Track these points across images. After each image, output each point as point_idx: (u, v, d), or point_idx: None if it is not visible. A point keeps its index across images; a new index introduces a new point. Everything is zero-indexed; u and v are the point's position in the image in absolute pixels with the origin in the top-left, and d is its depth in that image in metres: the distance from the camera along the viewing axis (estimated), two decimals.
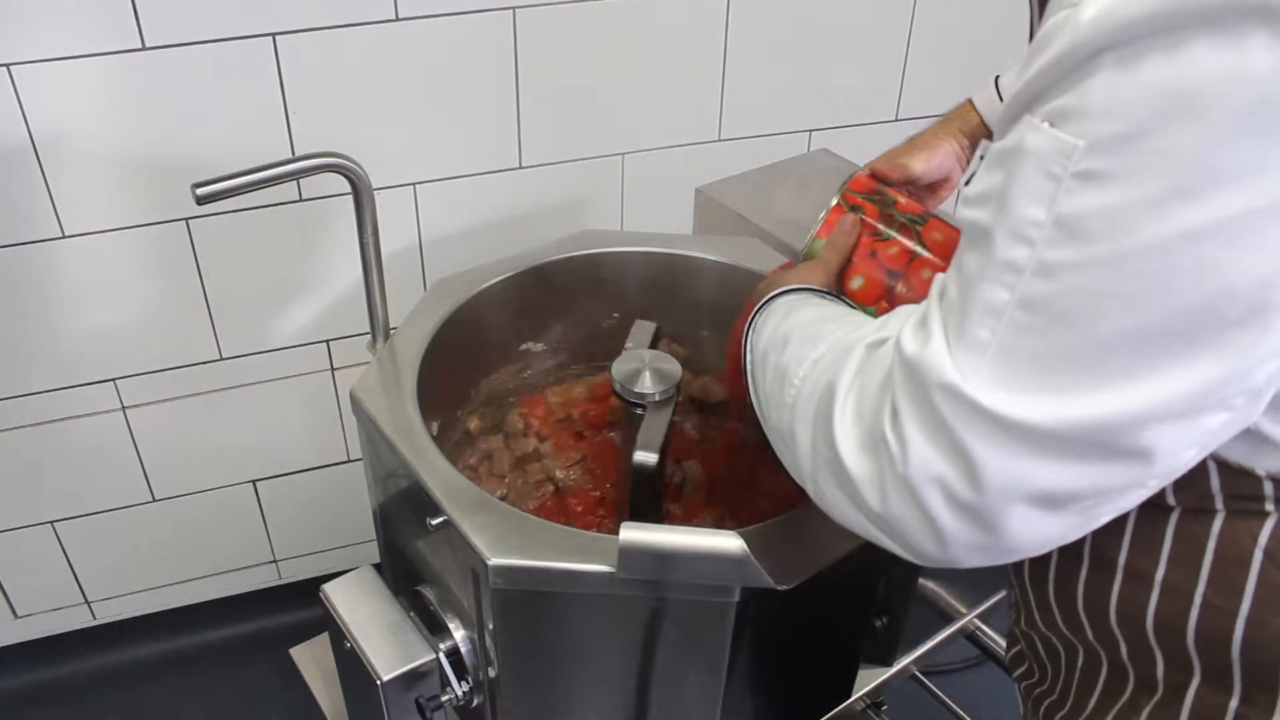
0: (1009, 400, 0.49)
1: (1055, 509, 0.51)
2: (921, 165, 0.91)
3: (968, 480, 0.51)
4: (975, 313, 0.50)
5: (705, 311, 1.14)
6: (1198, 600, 0.59)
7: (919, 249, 0.83)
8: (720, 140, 1.50)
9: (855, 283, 0.83)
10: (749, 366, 0.74)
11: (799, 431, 0.63)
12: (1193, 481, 0.56)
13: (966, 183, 0.54)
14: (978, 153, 0.98)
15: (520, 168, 1.41)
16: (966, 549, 0.54)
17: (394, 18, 1.23)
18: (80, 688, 1.61)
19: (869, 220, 0.85)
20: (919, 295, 0.80)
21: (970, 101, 0.98)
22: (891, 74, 1.54)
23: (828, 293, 0.78)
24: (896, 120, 1.58)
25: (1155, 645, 0.62)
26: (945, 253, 0.82)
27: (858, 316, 0.70)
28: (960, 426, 0.50)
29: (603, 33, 1.34)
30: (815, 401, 0.61)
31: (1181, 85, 0.43)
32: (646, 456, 0.88)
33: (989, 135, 0.98)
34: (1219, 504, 0.58)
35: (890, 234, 0.84)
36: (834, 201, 0.87)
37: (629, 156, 1.46)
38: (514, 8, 1.27)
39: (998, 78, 0.98)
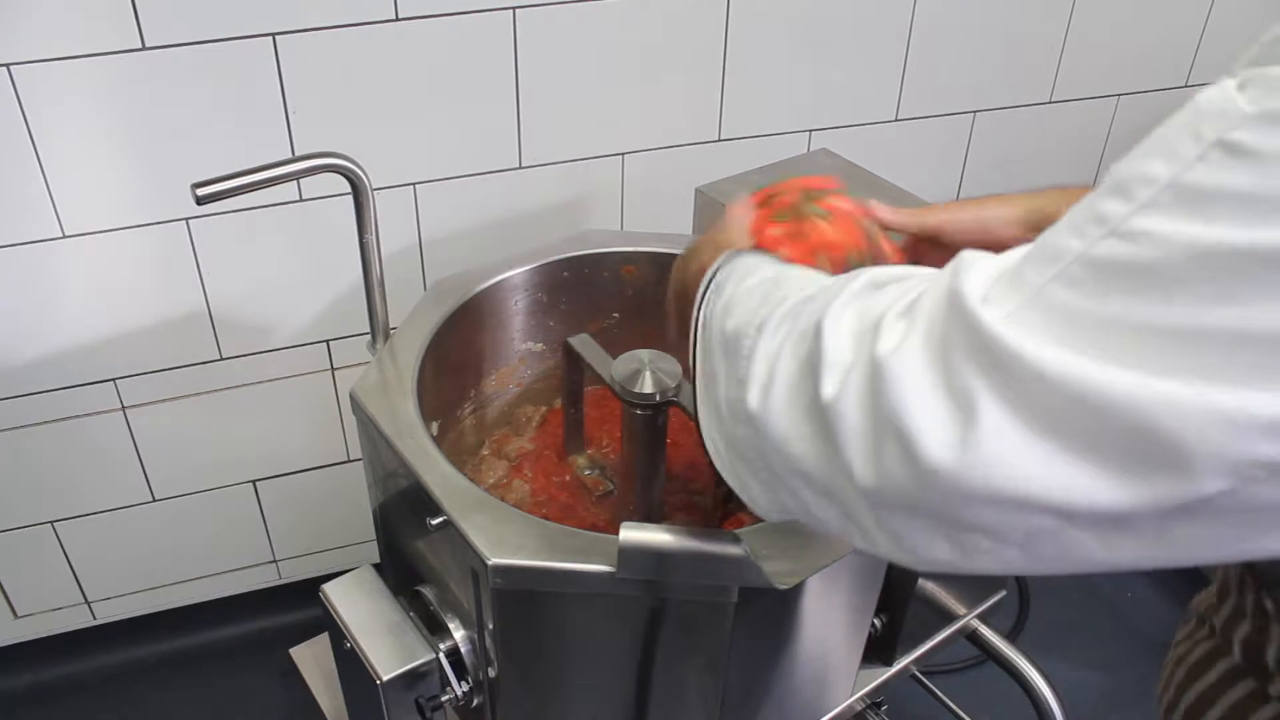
0: (1026, 340, 0.41)
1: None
2: (943, 217, 0.75)
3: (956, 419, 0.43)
4: (1036, 255, 0.43)
5: None
6: None
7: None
8: (720, 140, 1.50)
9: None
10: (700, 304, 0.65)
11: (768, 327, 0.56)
12: None
13: None
14: None
15: (520, 168, 1.41)
16: (893, 493, 0.46)
17: (394, 18, 1.23)
18: (80, 688, 1.61)
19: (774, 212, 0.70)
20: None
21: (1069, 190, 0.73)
22: (891, 74, 1.54)
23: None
24: (896, 120, 1.58)
25: None
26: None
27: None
28: (961, 346, 0.43)
29: (603, 33, 1.34)
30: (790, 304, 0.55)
31: None
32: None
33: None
34: None
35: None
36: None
37: (629, 156, 1.46)
38: (514, 8, 1.27)
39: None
